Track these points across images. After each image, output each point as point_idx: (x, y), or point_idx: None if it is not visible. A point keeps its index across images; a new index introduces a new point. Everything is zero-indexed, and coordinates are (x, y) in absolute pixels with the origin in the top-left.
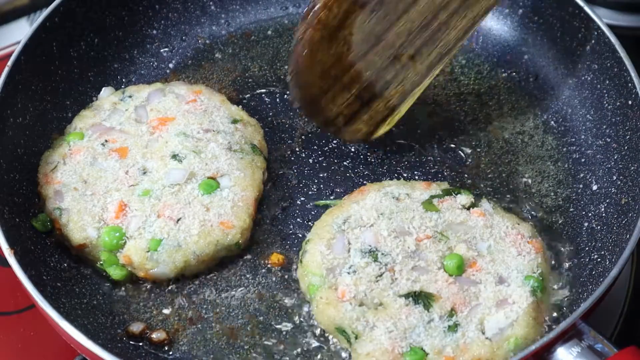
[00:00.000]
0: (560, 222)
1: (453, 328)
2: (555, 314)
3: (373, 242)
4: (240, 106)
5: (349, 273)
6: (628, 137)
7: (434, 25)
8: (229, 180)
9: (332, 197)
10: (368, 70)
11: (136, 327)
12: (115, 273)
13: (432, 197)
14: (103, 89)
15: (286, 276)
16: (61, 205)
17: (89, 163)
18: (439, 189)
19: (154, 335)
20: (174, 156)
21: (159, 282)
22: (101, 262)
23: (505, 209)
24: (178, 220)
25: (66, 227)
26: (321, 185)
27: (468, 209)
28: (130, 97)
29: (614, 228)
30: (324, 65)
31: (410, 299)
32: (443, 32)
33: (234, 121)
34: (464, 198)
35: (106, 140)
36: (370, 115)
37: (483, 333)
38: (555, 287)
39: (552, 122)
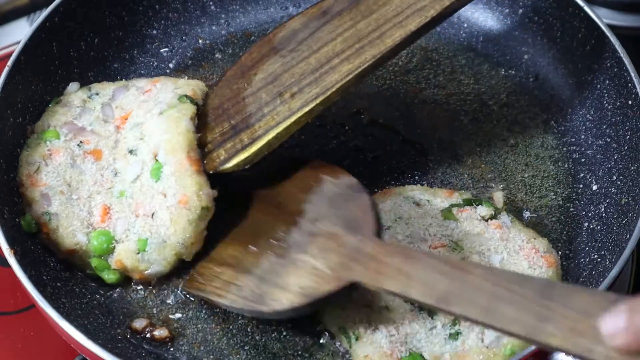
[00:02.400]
0: (560, 222)
1: (454, 336)
2: None
3: None
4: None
5: None
6: (628, 137)
7: (325, 69)
8: (163, 153)
9: None
10: (253, 103)
11: (139, 323)
12: (109, 277)
13: (453, 205)
14: (70, 84)
15: None
16: (50, 210)
17: (70, 165)
18: (460, 198)
19: (156, 333)
20: (131, 151)
21: (159, 281)
22: (91, 269)
23: (516, 216)
24: (152, 215)
25: (55, 233)
26: None
27: (487, 220)
28: (97, 94)
29: (614, 228)
30: (222, 97)
31: (416, 304)
32: (329, 74)
33: (177, 88)
34: (484, 209)
35: (81, 142)
36: (233, 143)
37: (482, 341)
38: None
39: (552, 122)
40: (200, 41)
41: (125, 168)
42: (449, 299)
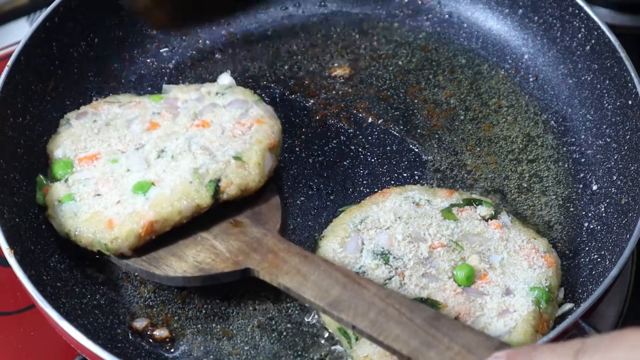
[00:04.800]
0: (560, 222)
1: None
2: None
3: (387, 244)
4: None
5: (358, 273)
6: (628, 137)
7: None
8: (155, 192)
9: (331, 197)
10: None
11: (140, 323)
12: (37, 196)
13: (452, 205)
14: (224, 74)
15: None
16: (70, 118)
17: (129, 119)
18: (460, 197)
19: (157, 333)
20: (161, 151)
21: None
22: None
23: (516, 216)
24: (97, 195)
25: (56, 133)
26: (321, 185)
27: (487, 220)
28: (223, 94)
29: (614, 228)
30: None
31: None
32: None
33: (236, 158)
34: (484, 209)
35: (159, 113)
36: None
37: None
38: (563, 298)
39: (552, 122)
40: (200, 41)
41: (168, 145)
42: (340, 305)
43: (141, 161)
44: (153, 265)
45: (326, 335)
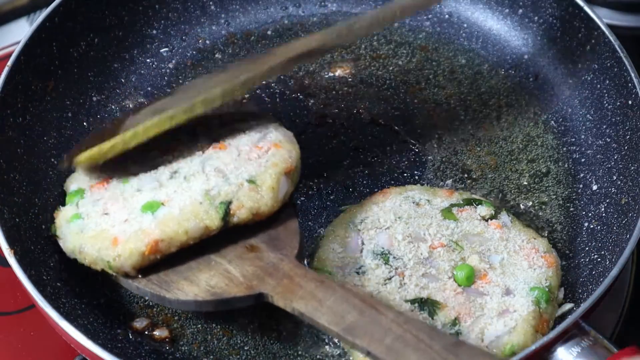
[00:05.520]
0: (560, 222)
1: (454, 336)
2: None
3: (387, 244)
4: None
5: (358, 273)
6: (628, 137)
7: (200, 93)
8: (164, 212)
9: (331, 197)
10: (130, 122)
11: (140, 323)
12: (51, 227)
13: (452, 205)
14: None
15: None
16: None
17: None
18: (460, 197)
19: (157, 332)
20: (174, 172)
21: None
22: None
23: (516, 216)
24: (105, 214)
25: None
26: (321, 185)
27: (487, 220)
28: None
29: (614, 228)
30: (113, 122)
31: (416, 304)
32: (202, 95)
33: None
34: (484, 209)
35: (178, 139)
36: (97, 145)
37: (482, 341)
38: (563, 299)
39: (552, 122)
40: (200, 41)
41: (181, 166)
42: (355, 331)
43: (153, 181)
44: (164, 289)
45: (326, 335)
